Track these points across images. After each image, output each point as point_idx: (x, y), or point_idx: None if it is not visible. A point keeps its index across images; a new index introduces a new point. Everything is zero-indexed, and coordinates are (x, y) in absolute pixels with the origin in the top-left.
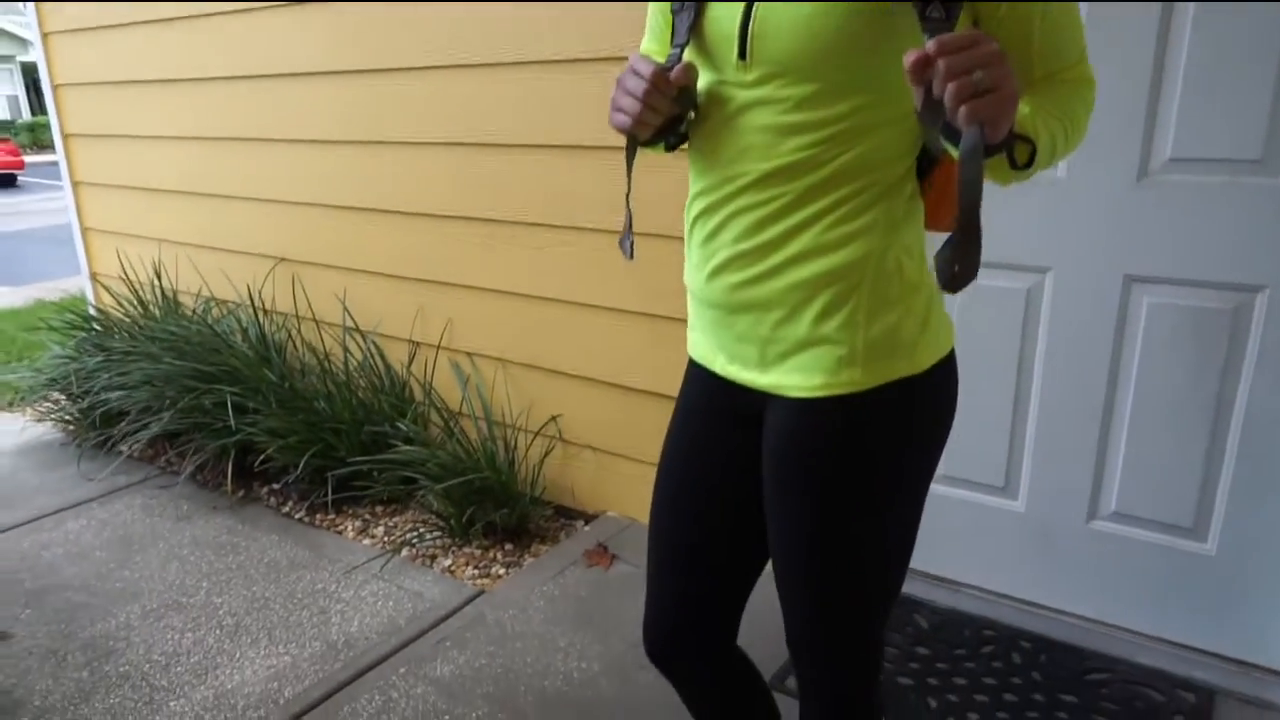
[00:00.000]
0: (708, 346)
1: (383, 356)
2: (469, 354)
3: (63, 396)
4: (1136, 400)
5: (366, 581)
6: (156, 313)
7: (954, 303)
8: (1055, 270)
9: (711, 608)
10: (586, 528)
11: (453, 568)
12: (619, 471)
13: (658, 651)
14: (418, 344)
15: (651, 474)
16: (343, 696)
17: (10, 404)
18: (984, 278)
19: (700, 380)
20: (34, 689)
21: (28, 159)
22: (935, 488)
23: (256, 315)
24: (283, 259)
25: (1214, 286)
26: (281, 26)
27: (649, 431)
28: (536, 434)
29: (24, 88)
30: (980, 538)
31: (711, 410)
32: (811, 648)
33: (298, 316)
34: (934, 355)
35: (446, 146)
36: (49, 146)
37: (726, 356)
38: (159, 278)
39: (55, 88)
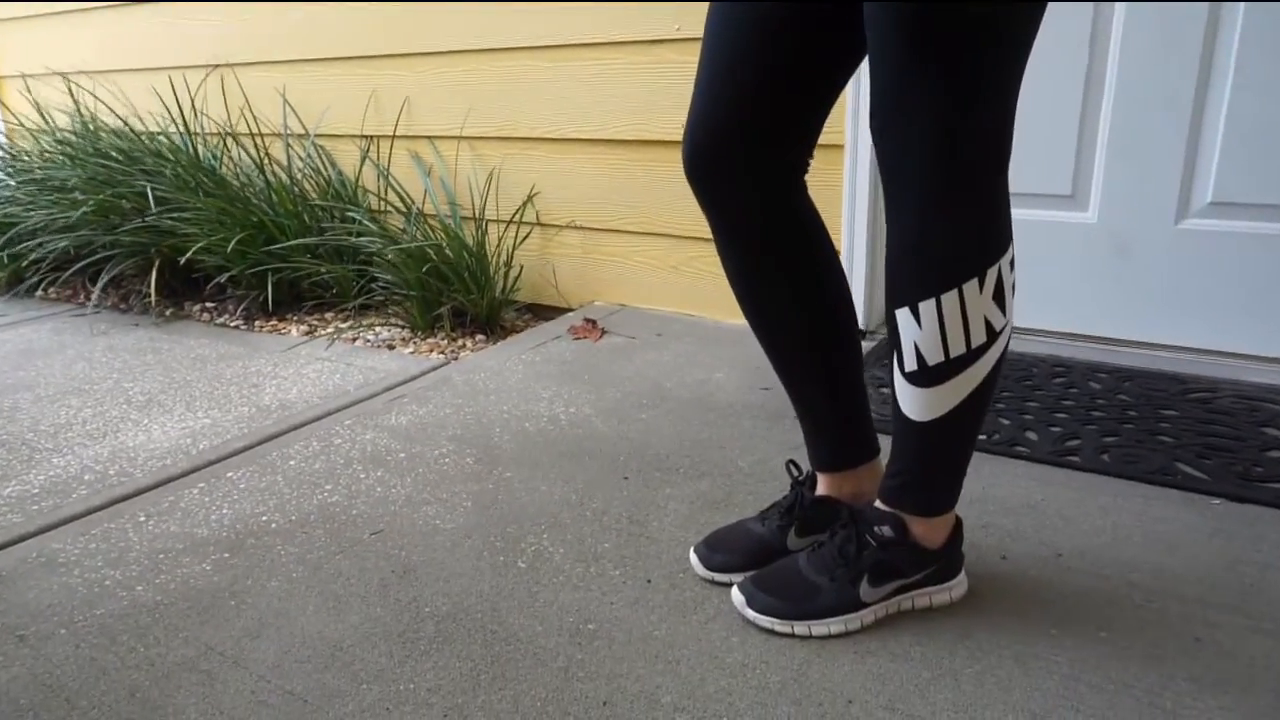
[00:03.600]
0: None
1: (332, 161)
2: (430, 138)
3: None
4: (1242, 51)
5: (310, 362)
6: (72, 137)
7: None
8: None
9: (773, 109)
10: (569, 315)
11: (415, 354)
12: (606, 251)
13: (697, 162)
14: (372, 138)
15: (645, 244)
16: (271, 445)
17: None
18: None
19: None
20: None
21: None
22: None
23: (186, 125)
24: (216, 65)
25: None
26: None
27: (641, 191)
28: (510, 221)
29: None
30: (1041, 264)
31: None
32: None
33: (232, 132)
34: None
35: None
36: None
37: None
38: (77, 105)
39: None
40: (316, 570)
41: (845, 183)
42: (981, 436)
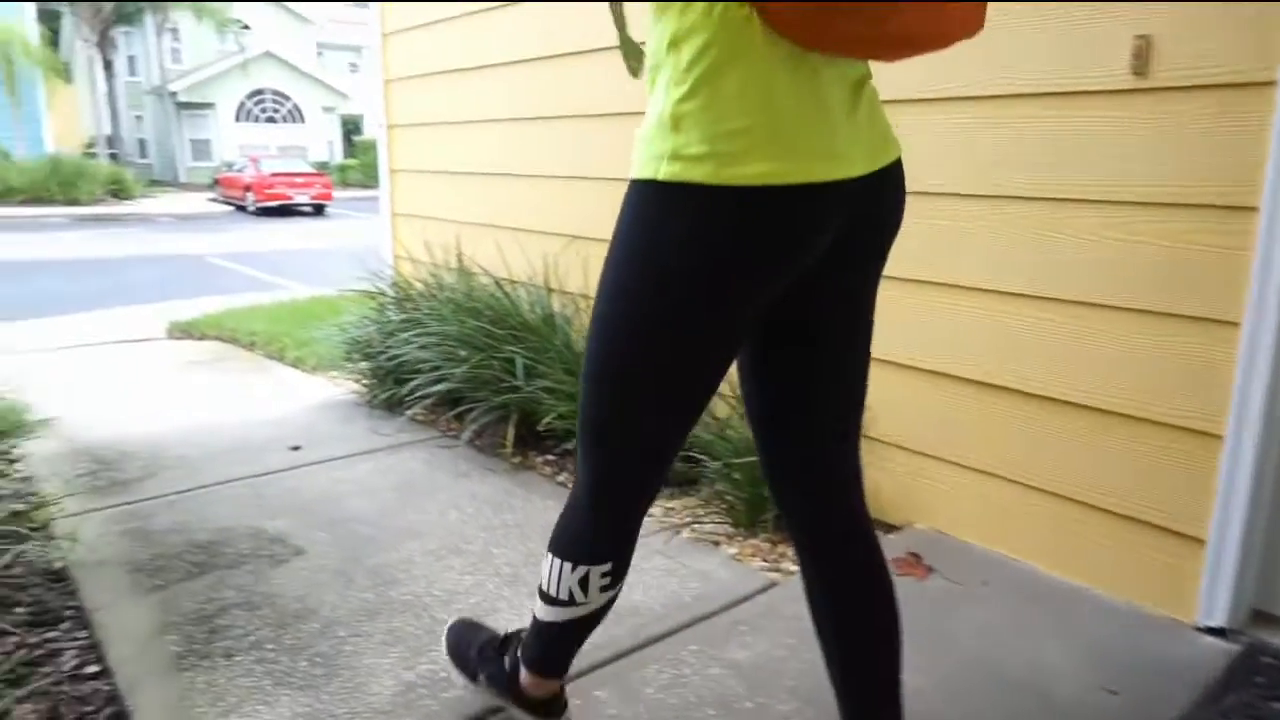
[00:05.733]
0: None
1: None
2: None
3: (360, 358)
4: None
5: (648, 556)
6: (453, 281)
7: None
8: None
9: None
10: (891, 537)
11: (739, 556)
12: (935, 478)
13: None
14: None
15: (981, 484)
16: (629, 663)
17: (314, 369)
18: None
19: None
20: (323, 601)
21: (335, 194)
22: None
23: (547, 287)
24: (576, 237)
25: None
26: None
27: (981, 433)
28: None
29: (340, 135)
30: None
31: None
32: None
33: (588, 296)
34: (681, 177)
35: None
36: (353, 185)
37: None
38: (458, 255)
39: (386, 83)
40: None
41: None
42: None
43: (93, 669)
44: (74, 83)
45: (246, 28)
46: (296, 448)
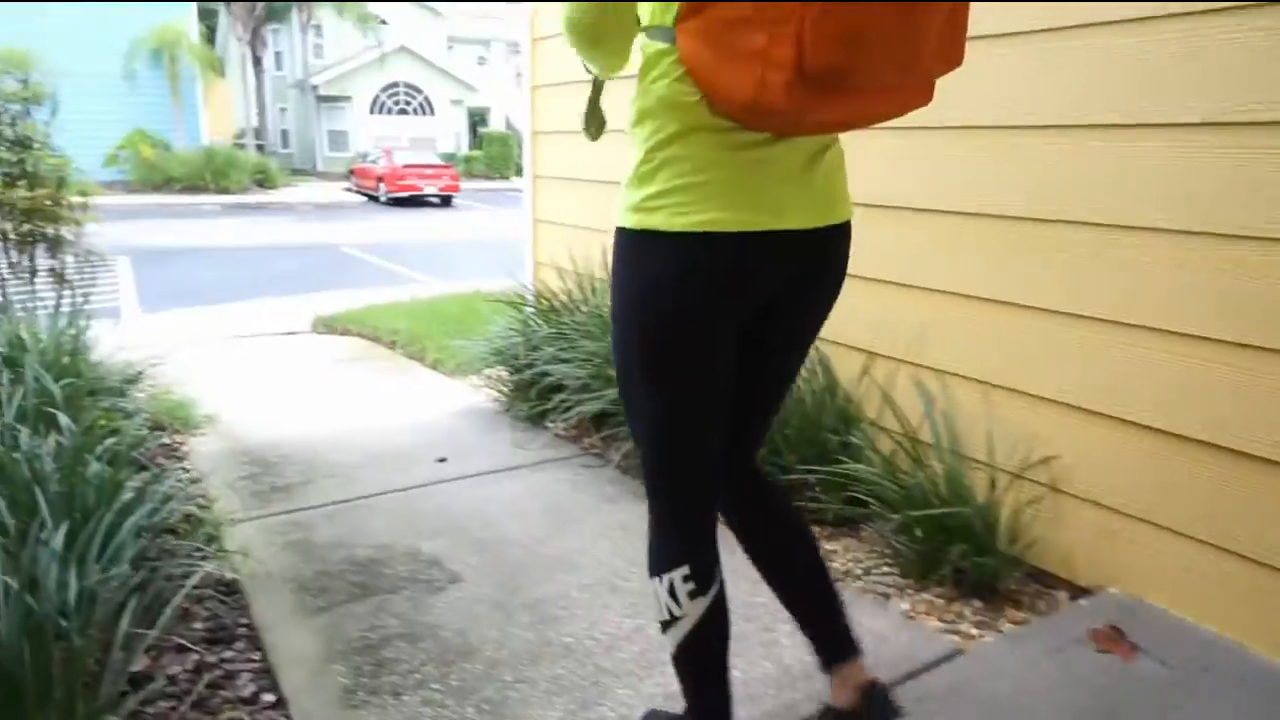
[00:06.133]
0: None
1: (827, 368)
2: (938, 371)
3: (503, 369)
4: None
5: None
6: (596, 298)
7: None
8: None
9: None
10: (1082, 602)
11: (911, 613)
12: (1132, 539)
13: None
14: (874, 355)
15: (1193, 551)
16: None
17: (453, 372)
18: None
19: None
20: (485, 638)
21: (461, 185)
22: None
23: None
24: None
25: None
26: None
27: (1195, 496)
28: (1018, 476)
29: (467, 127)
30: None
31: None
32: None
33: None
34: (644, 225)
35: (924, 130)
36: (478, 176)
37: None
38: (606, 266)
39: (534, 89)
40: None
41: None
42: None
43: (269, 697)
44: (226, 77)
45: (384, 23)
46: (443, 459)
